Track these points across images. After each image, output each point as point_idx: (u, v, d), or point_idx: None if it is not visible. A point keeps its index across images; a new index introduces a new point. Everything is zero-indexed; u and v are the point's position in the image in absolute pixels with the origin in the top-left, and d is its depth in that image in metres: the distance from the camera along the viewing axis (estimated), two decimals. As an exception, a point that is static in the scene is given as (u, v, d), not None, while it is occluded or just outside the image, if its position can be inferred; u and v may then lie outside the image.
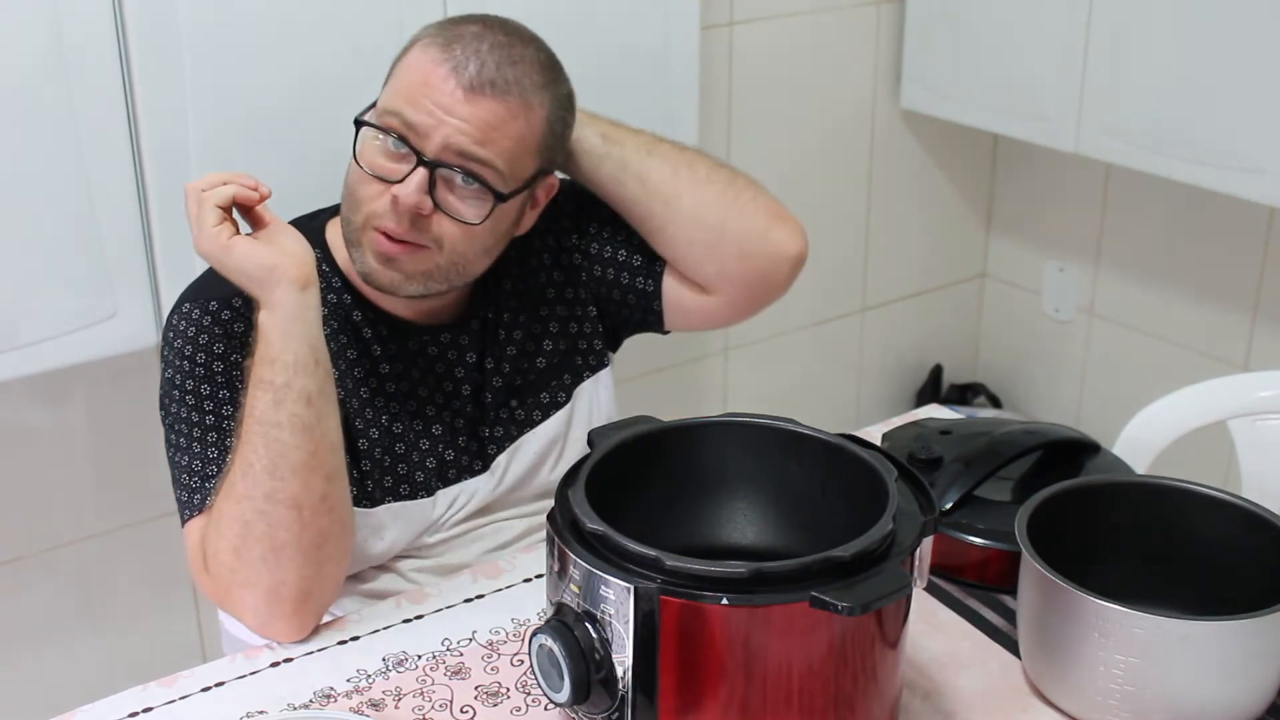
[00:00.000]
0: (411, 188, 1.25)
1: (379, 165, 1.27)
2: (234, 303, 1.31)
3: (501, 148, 1.26)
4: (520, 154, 1.29)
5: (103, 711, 1.14)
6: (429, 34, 1.29)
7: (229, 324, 1.30)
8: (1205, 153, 2.09)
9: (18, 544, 1.95)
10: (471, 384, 1.42)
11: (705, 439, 1.16)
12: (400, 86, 1.28)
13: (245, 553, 1.19)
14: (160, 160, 1.67)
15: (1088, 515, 1.17)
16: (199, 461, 1.27)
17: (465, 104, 1.24)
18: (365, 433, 1.36)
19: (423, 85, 1.25)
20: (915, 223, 2.77)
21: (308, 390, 1.19)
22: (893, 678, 1.03)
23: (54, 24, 1.57)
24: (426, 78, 1.25)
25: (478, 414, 1.42)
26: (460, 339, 1.41)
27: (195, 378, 1.29)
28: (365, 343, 1.37)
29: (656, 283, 1.47)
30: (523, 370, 1.45)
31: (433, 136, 1.25)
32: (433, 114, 1.24)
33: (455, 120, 1.24)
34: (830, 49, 2.52)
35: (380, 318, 1.38)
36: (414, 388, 1.39)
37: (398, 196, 1.25)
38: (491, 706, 1.13)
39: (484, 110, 1.25)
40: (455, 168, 1.26)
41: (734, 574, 0.94)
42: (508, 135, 1.27)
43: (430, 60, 1.26)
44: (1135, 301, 2.61)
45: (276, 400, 1.18)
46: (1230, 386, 1.69)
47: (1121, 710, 1.05)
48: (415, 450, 1.38)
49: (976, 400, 2.91)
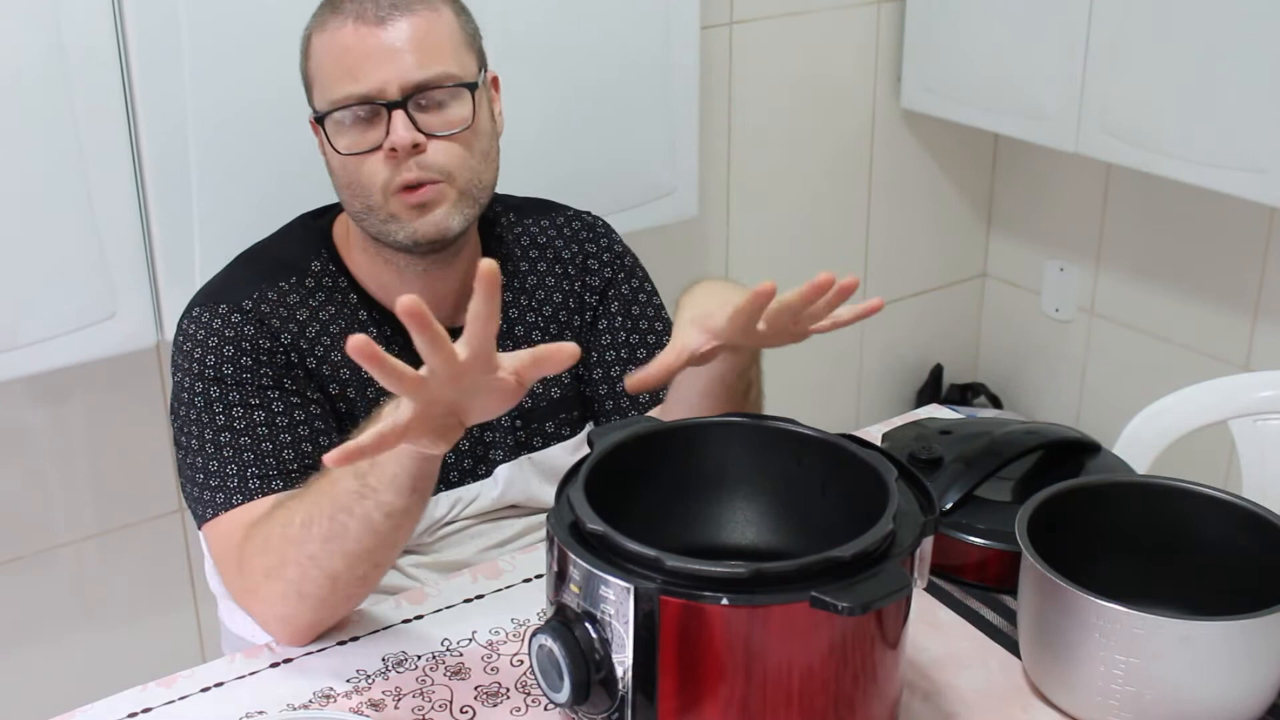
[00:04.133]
0: (399, 129, 1.28)
1: (358, 142, 1.30)
2: (244, 306, 1.32)
3: (442, 52, 1.30)
4: (455, 50, 1.32)
5: (102, 711, 1.14)
6: (314, 24, 1.34)
7: (239, 327, 1.31)
8: (1205, 153, 2.09)
9: (18, 544, 1.95)
10: None
11: (705, 439, 1.16)
12: (327, 72, 1.31)
13: (272, 582, 1.19)
14: (160, 160, 1.67)
15: (1088, 515, 1.17)
16: (215, 462, 1.27)
17: (386, 35, 1.28)
18: None
19: (343, 53, 1.29)
20: (915, 223, 2.77)
21: (393, 506, 1.14)
22: (893, 678, 1.03)
23: (54, 24, 1.57)
24: (340, 45, 1.29)
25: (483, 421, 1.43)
26: None
27: (205, 379, 1.29)
28: None
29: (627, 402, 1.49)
30: (535, 394, 1.46)
31: (386, 83, 1.28)
32: (370, 64, 1.28)
33: (390, 55, 1.28)
34: (830, 49, 2.52)
35: (386, 318, 1.38)
36: None
37: (394, 146, 1.28)
38: (491, 707, 1.13)
39: (403, 32, 1.28)
40: (421, 91, 1.29)
41: (734, 574, 0.94)
42: (437, 39, 1.30)
43: (331, 31, 1.30)
44: (1135, 301, 2.61)
45: (360, 494, 1.13)
46: (1230, 386, 1.69)
47: (1122, 710, 1.05)
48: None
49: (977, 400, 2.91)
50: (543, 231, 1.51)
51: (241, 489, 1.26)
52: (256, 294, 1.34)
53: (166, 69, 1.64)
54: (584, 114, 2.01)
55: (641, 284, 1.53)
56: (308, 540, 1.16)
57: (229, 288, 1.35)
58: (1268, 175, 2.01)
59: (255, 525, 1.23)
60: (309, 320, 1.35)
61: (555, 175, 1.91)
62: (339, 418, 1.36)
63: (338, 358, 1.36)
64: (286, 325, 1.34)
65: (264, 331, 1.32)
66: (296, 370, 1.33)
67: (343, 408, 1.36)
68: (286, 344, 1.33)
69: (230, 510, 1.26)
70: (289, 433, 1.29)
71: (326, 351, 1.36)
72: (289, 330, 1.34)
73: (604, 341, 1.49)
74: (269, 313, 1.33)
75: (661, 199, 2.14)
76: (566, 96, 1.98)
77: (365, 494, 1.13)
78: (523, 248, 1.49)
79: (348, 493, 1.14)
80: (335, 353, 1.36)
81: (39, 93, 1.59)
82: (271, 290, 1.35)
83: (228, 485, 1.26)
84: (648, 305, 1.52)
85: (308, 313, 1.36)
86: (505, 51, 1.89)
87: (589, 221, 1.54)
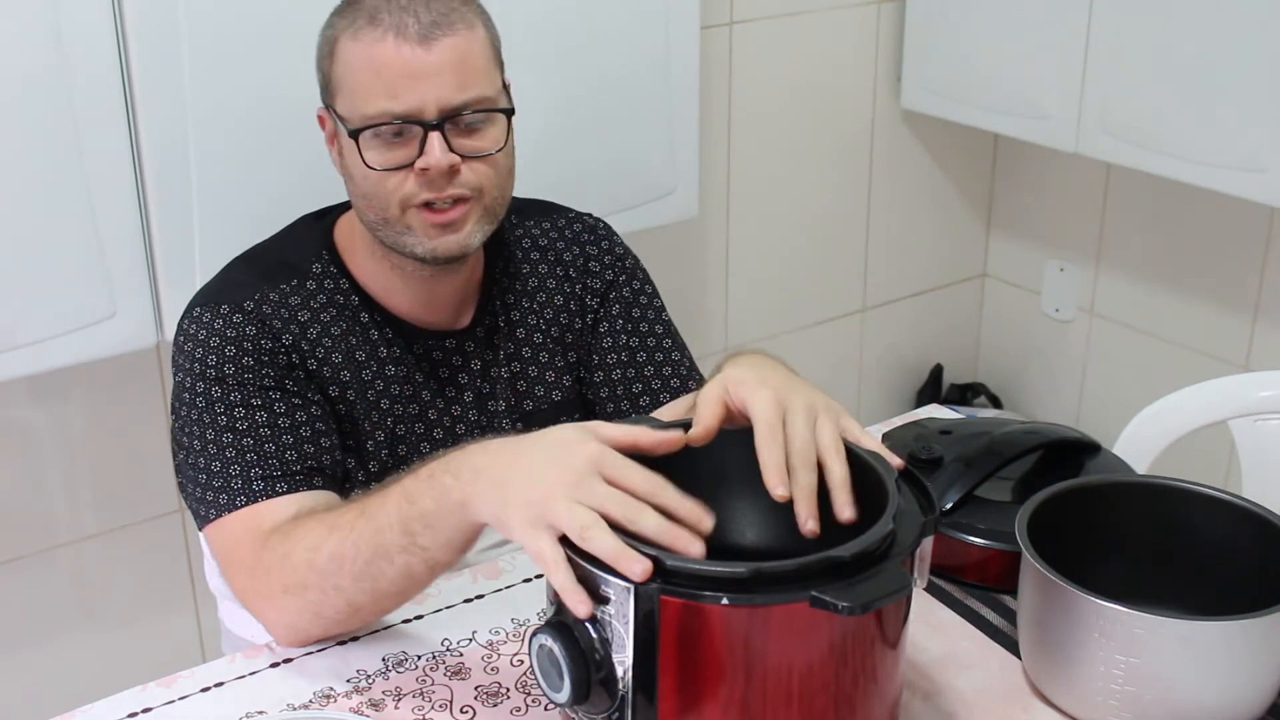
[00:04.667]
0: (436, 153, 1.27)
1: (389, 158, 1.29)
2: (245, 306, 1.32)
3: (479, 74, 1.30)
4: (490, 69, 1.32)
5: (102, 712, 1.14)
6: (343, 25, 1.30)
7: (241, 327, 1.31)
8: (1205, 153, 2.09)
9: (18, 544, 1.95)
10: (475, 391, 1.43)
11: (705, 439, 1.16)
12: (362, 84, 1.29)
13: (291, 598, 1.18)
14: (160, 160, 1.67)
15: (1088, 515, 1.17)
16: (217, 463, 1.27)
17: (428, 55, 1.27)
18: (372, 434, 1.37)
19: (382, 68, 1.27)
20: (915, 223, 2.77)
21: (437, 561, 1.12)
22: (893, 678, 1.03)
23: (54, 24, 1.57)
24: (381, 61, 1.27)
25: (484, 421, 1.43)
26: (465, 345, 1.42)
27: (207, 379, 1.29)
28: (373, 344, 1.37)
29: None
30: (536, 397, 1.46)
31: (425, 104, 1.27)
32: (412, 86, 1.26)
33: (430, 76, 1.27)
34: (830, 49, 2.52)
35: (387, 320, 1.38)
36: (418, 390, 1.39)
37: (428, 168, 1.27)
38: (491, 707, 1.13)
39: (445, 52, 1.27)
40: (459, 114, 1.28)
41: (734, 574, 0.94)
42: (475, 61, 1.30)
43: (369, 44, 1.27)
44: (1135, 301, 2.61)
45: (405, 548, 1.10)
46: (1230, 386, 1.69)
47: (1122, 710, 1.05)
48: (417, 452, 1.38)
49: (977, 400, 2.91)
50: (544, 234, 1.51)
51: (245, 490, 1.26)
52: (258, 295, 1.34)
53: (166, 69, 1.64)
54: (584, 114, 2.01)
55: (643, 286, 1.53)
56: (337, 574, 1.15)
57: (230, 288, 1.35)
58: (1268, 175, 2.01)
59: (274, 536, 1.21)
60: (310, 322, 1.35)
61: (555, 175, 1.91)
62: (339, 420, 1.36)
63: (338, 360, 1.36)
64: (288, 326, 1.34)
65: (266, 332, 1.32)
66: (298, 371, 1.33)
67: (342, 410, 1.36)
68: (288, 345, 1.33)
69: (234, 512, 1.25)
70: (291, 433, 1.29)
71: (327, 354, 1.36)
72: (290, 332, 1.34)
73: (605, 344, 1.49)
74: (270, 314, 1.33)
75: (661, 199, 2.14)
76: (566, 96, 1.98)
77: (411, 550, 1.11)
78: (524, 250, 1.49)
79: (392, 545, 1.11)
80: (336, 355, 1.36)
81: (39, 93, 1.59)
82: (273, 292, 1.35)
83: (231, 486, 1.26)
84: (649, 308, 1.52)
85: (309, 314, 1.36)
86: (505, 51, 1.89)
87: (590, 224, 1.54)
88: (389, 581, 1.13)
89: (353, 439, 1.36)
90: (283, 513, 1.24)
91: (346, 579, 1.14)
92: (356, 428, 1.36)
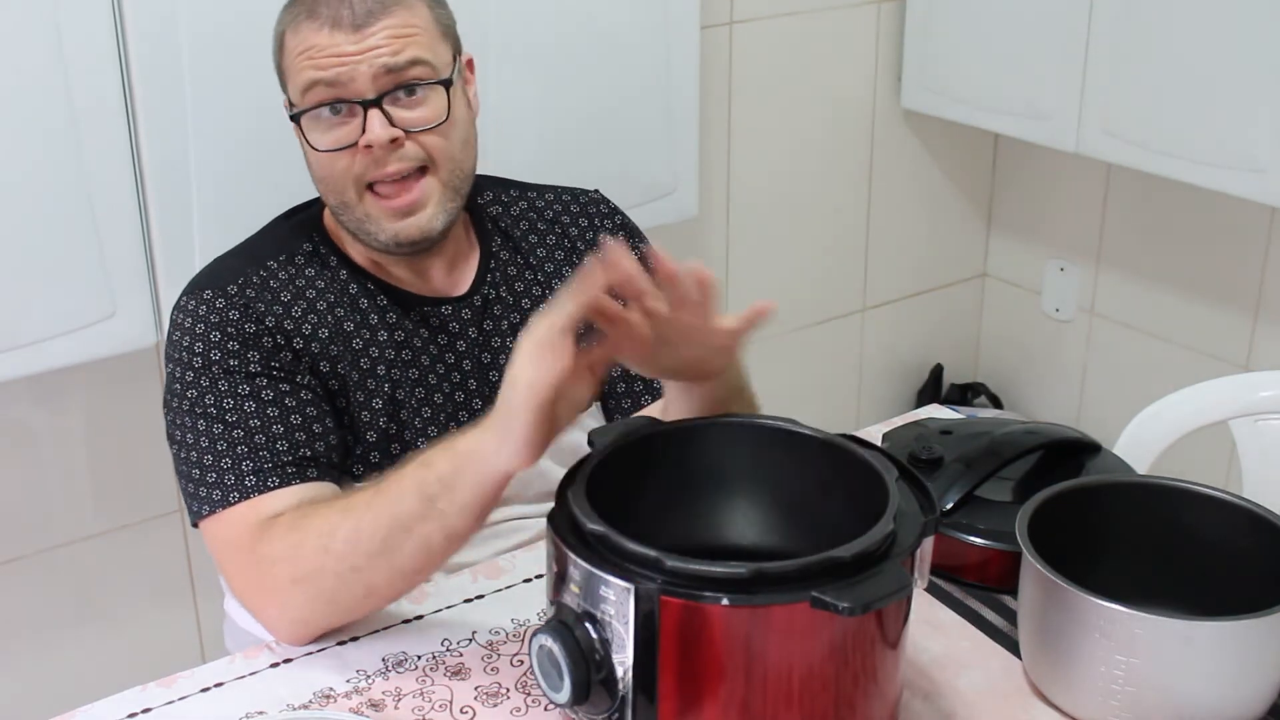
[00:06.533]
0: (375, 127, 1.29)
1: (332, 138, 1.32)
2: (229, 291, 1.33)
3: (416, 45, 1.31)
4: (431, 43, 1.33)
5: (102, 712, 1.14)
6: (288, 19, 1.33)
7: (224, 312, 1.31)
8: (1205, 153, 2.09)
9: (18, 544, 1.95)
10: (474, 360, 1.43)
11: (705, 439, 1.16)
12: (300, 67, 1.31)
13: (301, 588, 1.18)
14: (160, 160, 1.68)
15: (1088, 515, 1.17)
16: (209, 457, 1.27)
17: (363, 39, 1.29)
18: (368, 404, 1.36)
19: (318, 52, 1.29)
20: (915, 223, 2.77)
21: (457, 529, 1.13)
22: (893, 678, 1.03)
23: (54, 25, 1.58)
24: (315, 45, 1.29)
25: (485, 391, 1.43)
26: (462, 312, 1.42)
27: (194, 369, 1.29)
28: (363, 313, 1.38)
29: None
30: None
31: (358, 80, 1.29)
32: (344, 64, 1.29)
33: (364, 52, 1.29)
34: (830, 48, 2.52)
35: (381, 287, 1.40)
36: (417, 355, 1.40)
37: (370, 144, 1.29)
38: (491, 707, 1.13)
39: (380, 32, 1.29)
40: (395, 88, 1.30)
41: (734, 574, 0.94)
42: (412, 34, 1.31)
43: (307, 32, 1.30)
44: (1135, 301, 2.61)
45: (424, 515, 1.12)
46: (1230, 386, 1.69)
47: (1122, 711, 1.05)
48: (418, 418, 1.39)
49: (977, 400, 2.91)
50: (548, 205, 1.53)
51: (237, 485, 1.25)
52: (242, 279, 1.35)
53: (166, 70, 1.64)
54: (584, 114, 2.01)
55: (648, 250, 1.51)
56: (353, 554, 1.15)
57: (215, 275, 1.36)
58: (1268, 175, 2.01)
59: (275, 529, 1.21)
60: (294, 299, 1.35)
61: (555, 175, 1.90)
62: (331, 396, 1.35)
63: (325, 334, 1.35)
64: (271, 308, 1.33)
65: (249, 316, 1.32)
66: (284, 353, 1.33)
67: (334, 385, 1.35)
68: (270, 327, 1.33)
69: (229, 508, 1.25)
70: (281, 422, 1.29)
71: (314, 329, 1.35)
72: (273, 313, 1.33)
73: None
74: (254, 296, 1.33)
75: (661, 199, 2.14)
76: (566, 96, 1.98)
77: (430, 516, 1.11)
78: (530, 220, 1.51)
79: (410, 513, 1.12)
80: (323, 330, 1.35)
81: (39, 93, 1.59)
82: (258, 273, 1.35)
83: (224, 482, 1.26)
84: None
85: (293, 291, 1.36)
86: (505, 51, 1.89)
87: (593, 196, 1.56)
88: (406, 556, 1.14)
89: (348, 414, 1.36)
90: (277, 506, 1.24)
91: (363, 558, 1.15)
92: (350, 400, 1.35)
